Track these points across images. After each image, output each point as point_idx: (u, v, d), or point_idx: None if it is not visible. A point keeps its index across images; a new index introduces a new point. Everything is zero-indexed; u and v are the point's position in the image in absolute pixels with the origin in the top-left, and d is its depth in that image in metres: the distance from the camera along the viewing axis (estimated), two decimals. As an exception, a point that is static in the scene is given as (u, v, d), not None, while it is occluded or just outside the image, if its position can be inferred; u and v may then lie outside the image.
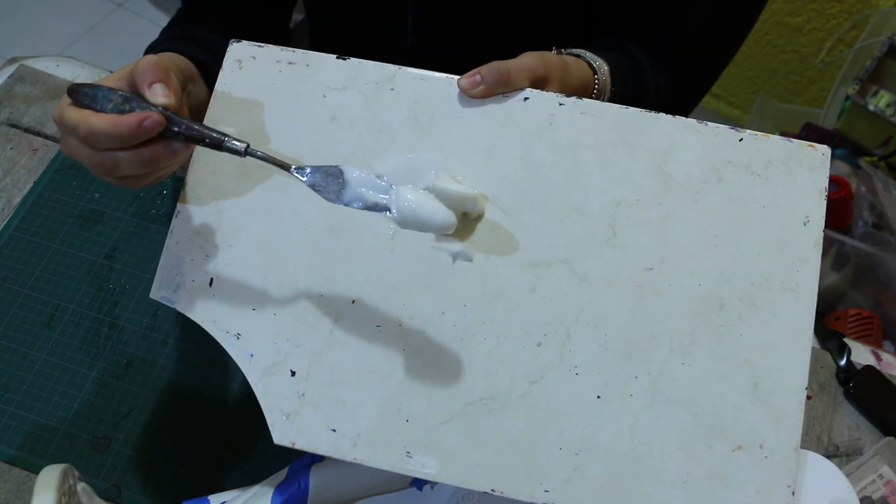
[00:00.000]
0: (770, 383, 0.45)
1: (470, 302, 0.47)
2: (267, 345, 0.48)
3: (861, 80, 1.33)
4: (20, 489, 0.56)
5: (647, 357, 0.46)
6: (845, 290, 1.19)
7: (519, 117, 0.50)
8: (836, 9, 1.48)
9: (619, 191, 0.48)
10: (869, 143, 1.37)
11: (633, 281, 0.47)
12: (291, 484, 0.50)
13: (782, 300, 0.46)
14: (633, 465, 0.44)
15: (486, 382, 0.46)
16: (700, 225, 0.47)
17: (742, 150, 0.48)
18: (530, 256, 0.48)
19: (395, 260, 0.48)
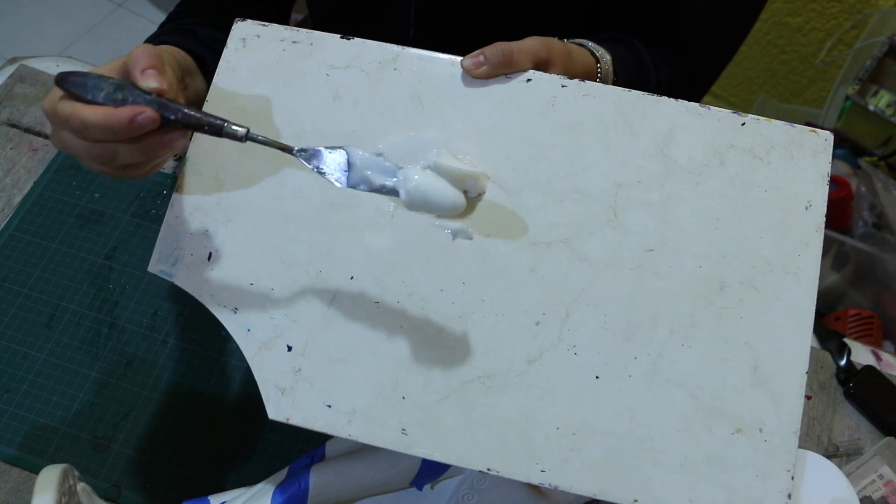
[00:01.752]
0: (770, 367, 0.45)
1: (469, 280, 0.47)
2: (264, 320, 0.47)
3: (861, 80, 1.33)
4: (20, 489, 0.56)
5: (647, 338, 0.45)
6: (845, 290, 1.19)
7: (522, 98, 0.50)
8: (836, 9, 1.48)
9: (621, 172, 0.48)
10: (869, 143, 1.37)
11: (634, 262, 0.47)
12: (291, 484, 0.50)
13: (784, 284, 0.46)
14: (631, 446, 0.44)
15: (483, 361, 0.46)
16: (701, 208, 0.47)
17: (744, 135, 0.48)
18: (531, 236, 0.48)
19: (395, 237, 0.48)
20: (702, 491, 0.43)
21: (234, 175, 0.50)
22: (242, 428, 0.60)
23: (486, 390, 0.45)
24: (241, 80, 0.51)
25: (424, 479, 0.53)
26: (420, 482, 0.53)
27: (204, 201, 0.50)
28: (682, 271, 0.46)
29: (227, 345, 0.64)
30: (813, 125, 1.42)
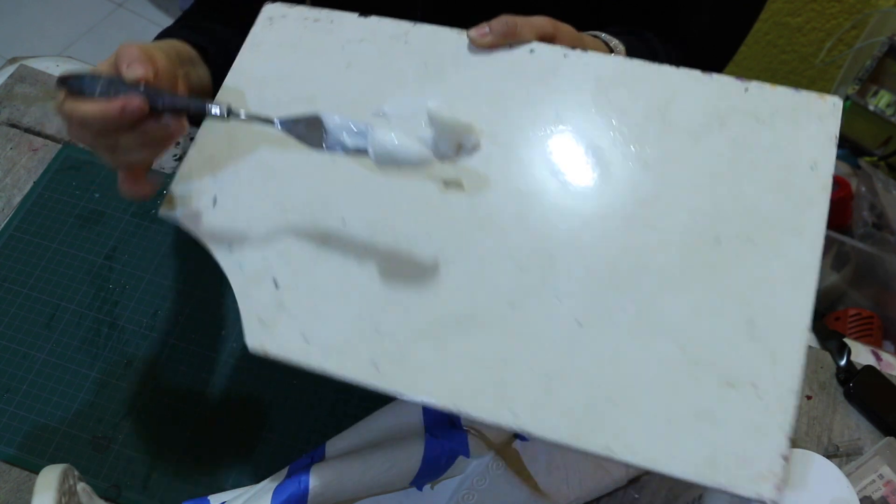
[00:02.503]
0: (768, 322, 0.42)
1: (457, 226, 0.47)
2: (256, 258, 0.48)
3: (861, 80, 1.33)
4: (20, 489, 0.57)
5: (635, 287, 0.44)
6: (845, 290, 1.19)
7: (524, 66, 0.51)
8: (836, 9, 1.48)
9: (618, 131, 0.48)
10: (869, 143, 1.37)
11: (626, 213, 0.46)
12: (291, 484, 0.50)
13: (785, 240, 0.44)
14: (610, 394, 0.42)
15: (463, 302, 0.45)
16: (699, 165, 0.47)
17: (748, 99, 0.48)
18: (522, 186, 0.48)
19: (388, 185, 0.49)
20: (683, 444, 0.40)
21: (245, 129, 0.52)
22: (242, 428, 0.61)
23: (462, 330, 0.44)
24: (264, 54, 0.55)
25: (424, 479, 0.53)
26: (420, 482, 0.53)
27: (216, 152, 0.52)
28: (676, 224, 0.45)
29: (227, 345, 0.64)
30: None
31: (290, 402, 0.62)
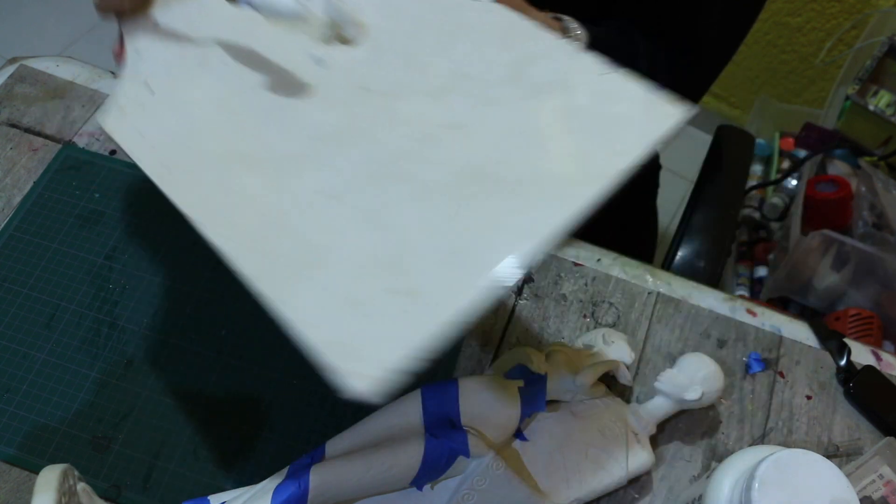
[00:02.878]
0: (470, 260, 0.43)
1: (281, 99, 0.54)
2: (147, 65, 0.56)
3: (861, 80, 1.33)
4: (20, 489, 0.56)
5: (385, 183, 0.47)
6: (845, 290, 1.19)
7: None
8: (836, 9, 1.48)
9: (474, 68, 0.51)
10: (869, 143, 1.37)
11: (431, 125, 0.49)
12: (291, 484, 0.50)
13: (543, 201, 0.45)
14: (311, 259, 0.45)
15: (257, 146, 0.51)
16: (524, 115, 0.48)
17: (602, 81, 0.48)
18: (366, 83, 0.52)
19: (265, 44, 0.56)
20: (332, 319, 0.43)
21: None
22: (242, 428, 0.61)
23: (245, 167, 0.50)
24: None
25: (424, 479, 0.53)
26: (420, 482, 0.53)
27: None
28: (463, 153, 0.47)
29: (227, 345, 0.64)
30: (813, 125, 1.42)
31: (290, 402, 0.62)
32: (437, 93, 0.51)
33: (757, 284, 1.40)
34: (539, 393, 0.55)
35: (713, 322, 0.68)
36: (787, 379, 0.66)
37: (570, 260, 0.71)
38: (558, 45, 0.50)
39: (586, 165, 0.45)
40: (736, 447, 0.62)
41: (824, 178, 1.29)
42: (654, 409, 0.59)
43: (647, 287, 0.70)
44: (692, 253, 0.82)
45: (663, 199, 1.01)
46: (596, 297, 0.69)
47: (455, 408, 0.54)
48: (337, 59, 0.54)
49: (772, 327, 0.69)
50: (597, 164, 0.45)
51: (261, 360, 0.64)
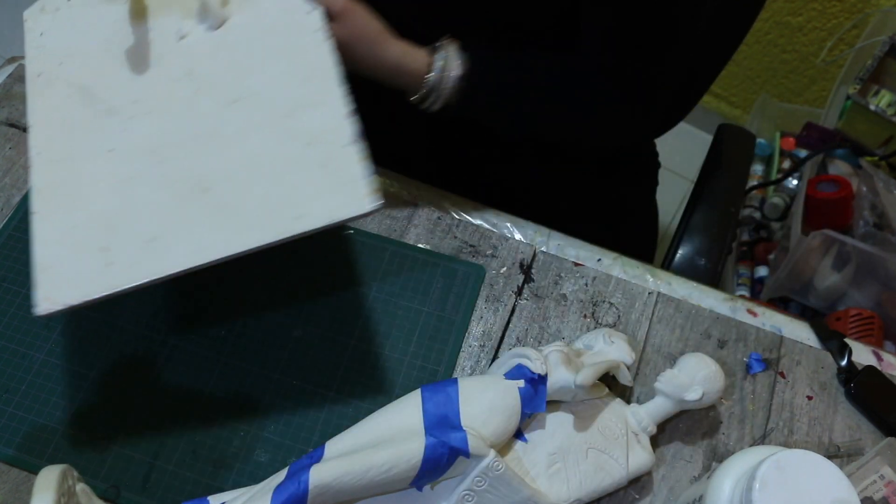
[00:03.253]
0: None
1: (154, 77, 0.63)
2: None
3: (862, 79, 1.33)
4: (19, 489, 0.56)
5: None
6: (846, 290, 1.19)
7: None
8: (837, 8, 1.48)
9: (270, 92, 0.60)
10: (870, 142, 1.36)
11: (205, 128, 0.59)
12: (291, 484, 0.50)
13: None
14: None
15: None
16: (266, 151, 0.57)
17: (341, 151, 0.56)
18: (193, 69, 0.62)
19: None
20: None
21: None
22: (242, 428, 0.60)
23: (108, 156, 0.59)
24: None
25: (424, 480, 0.53)
26: (420, 482, 0.53)
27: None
28: (216, 160, 0.57)
29: (227, 345, 0.64)
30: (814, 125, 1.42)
31: (290, 402, 0.62)
32: (232, 101, 0.60)
33: (757, 284, 1.39)
34: (539, 393, 0.55)
35: (714, 322, 0.68)
36: (788, 379, 0.66)
37: (571, 260, 0.71)
38: (338, 100, 0.57)
39: (271, 216, 0.54)
40: (737, 447, 0.62)
41: (825, 178, 1.29)
42: (655, 409, 0.59)
43: (647, 287, 0.70)
44: (692, 251, 0.82)
45: (663, 198, 1.01)
46: (596, 297, 0.69)
47: (455, 408, 0.54)
48: (194, 39, 0.63)
49: (772, 327, 0.69)
50: (281, 219, 0.54)
51: (261, 360, 0.64)
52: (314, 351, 0.64)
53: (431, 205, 0.74)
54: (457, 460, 0.52)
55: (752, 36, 1.56)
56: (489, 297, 0.68)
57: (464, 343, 0.65)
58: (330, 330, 0.65)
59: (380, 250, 0.70)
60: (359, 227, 0.71)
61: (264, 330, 0.65)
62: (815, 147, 1.43)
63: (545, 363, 0.56)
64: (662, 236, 1.03)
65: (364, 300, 0.67)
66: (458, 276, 0.69)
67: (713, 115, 1.80)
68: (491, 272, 0.70)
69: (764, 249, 1.43)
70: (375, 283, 0.68)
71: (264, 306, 0.66)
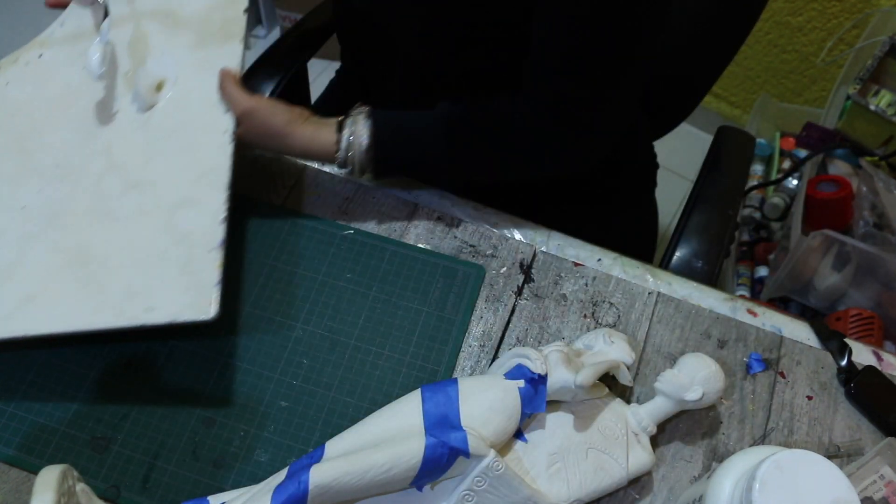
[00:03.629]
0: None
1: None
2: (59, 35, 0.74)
3: (862, 79, 1.33)
4: (19, 489, 0.56)
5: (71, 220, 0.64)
6: (846, 290, 1.19)
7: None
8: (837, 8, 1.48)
9: (163, 183, 0.64)
10: (870, 142, 1.37)
11: (104, 204, 0.64)
12: (291, 484, 0.50)
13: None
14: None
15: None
16: (141, 239, 0.61)
17: (204, 255, 0.60)
18: (111, 146, 0.67)
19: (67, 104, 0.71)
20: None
21: None
22: (242, 428, 0.60)
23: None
24: None
25: (424, 480, 0.53)
26: (420, 482, 0.53)
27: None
28: (99, 235, 0.62)
29: (227, 345, 0.64)
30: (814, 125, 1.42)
31: (290, 402, 0.62)
32: (132, 185, 0.64)
33: (757, 284, 1.39)
34: (539, 393, 0.55)
35: (714, 322, 0.68)
36: (788, 379, 0.66)
37: (571, 260, 0.71)
38: (218, 205, 0.61)
39: (127, 303, 0.58)
40: (737, 448, 0.62)
41: (825, 178, 1.29)
42: (655, 409, 0.59)
43: (647, 287, 0.70)
44: (690, 253, 0.82)
45: (663, 199, 1.01)
46: (596, 297, 0.69)
47: (455, 408, 0.54)
48: (123, 117, 0.68)
49: (772, 327, 0.69)
50: (133, 308, 0.57)
51: (261, 360, 0.64)
52: (314, 351, 0.64)
53: (431, 205, 0.74)
54: (457, 460, 0.52)
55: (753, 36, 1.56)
56: (489, 297, 0.68)
57: (464, 343, 0.65)
58: (330, 330, 0.65)
59: (380, 250, 0.70)
60: (359, 227, 0.71)
61: (263, 330, 0.65)
62: (815, 147, 1.43)
63: (545, 363, 0.56)
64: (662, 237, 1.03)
65: (364, 300, 0.67)
66: (458, 276, 0.69)
67: (713, 115, 1.80)
68: (491, 272, 0.70)
69: (764, 249, 1.43)
70: (375, 283, 0.68)
71: (264, 306, 0.66)
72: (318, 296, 0.67)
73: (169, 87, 0.70)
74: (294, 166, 0.75)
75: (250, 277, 0.68)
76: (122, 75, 0.71)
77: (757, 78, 1.69)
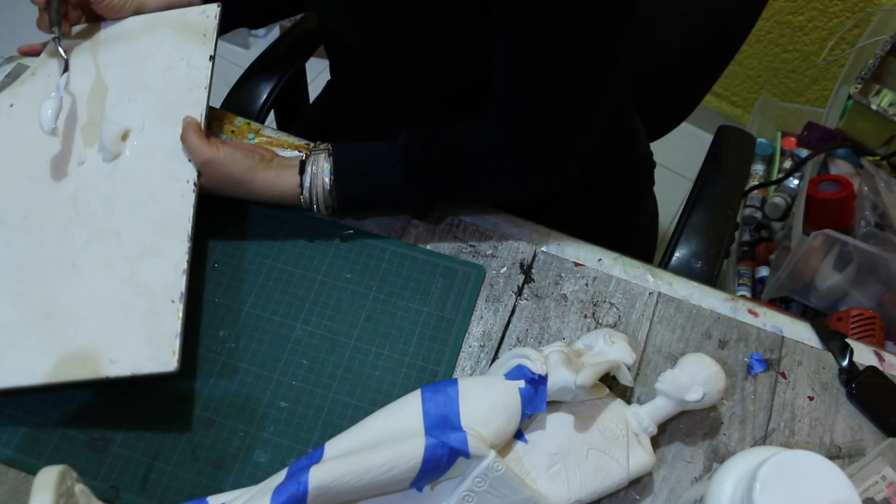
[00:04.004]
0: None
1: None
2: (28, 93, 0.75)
3: (863, 79, 1.33)
4: (17, 490, 0.56)
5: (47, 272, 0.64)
6: (847, 290, 1.19)
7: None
8: (839, 7, 1.48)
9: (127, 234, 0.65)
10: (871, 142, 1.36)
11: (68, 256, 0.64)
12: (291, 484, 0.50)
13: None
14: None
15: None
16: (102, 291, 0.62)
17: (167, 305, 0.62)
18: (77, 197, 0.68)
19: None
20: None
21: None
22: (242, 428, 0.60)
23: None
24: None
25: (424, 480, 0.53)
26: (420, 483, 0.53)
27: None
28: (66, 287, 0.63)
29: (227, 345, 0.64)
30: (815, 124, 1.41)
31: (290, 402, 0.62)
32: (97, 236, 0.65)
33: (758, 284, 1.39)
34: (539, 394, 0.55)
35: (714, 322, 0.68)
36: (789, 380, 0.65)
37: (571, 260, 0.71)
38: (180, 256, 0.63)
39: (91, 355, 0.58)
40: (738, 448, 0.62)
41: (826, 178, 1.29)
42: (656, 409, 0.59)
43: (648, 287, 0.70)
44: (689, 254, 0.82)
45: (663, 198, 1.00)
46: (597, 298, 0.69)
47: (455, 408, 0.54)
48: (89, 167, 0.69)
49: (773, 328, 0.68)
50: (96, 361, 0.58)
51: (261, 360, 0.64)
52: (314, 351, 0.64)
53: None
54: (457, 461, 0.52)
55: (754, 35, 1.56)
56: (489, 297, 0.68)
57: (464, 343, 0.65)
58: (330, 330, 0.65)
59: (380, 250, 0.70)
60: (359, 227, 0.71)
61: (264, 330, 0.65)
62: (816, 147, 1.43)
63: (545, 363, 0.56)
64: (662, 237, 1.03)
65: (364, 300, 0.67)
66: (458, 276, 0.69)
67: (714, 114, 1.80)
68: (491, 272, 0.69)
69: (765, 249, 1.42)
70: (375, 283, 0.68)
71: (264, 306, 0.66)
72: (318, 296, 0.67)
73: (135, 136, 0.70)
74: (294, 166, 0.75)
75: (250, 277, 0.68)
76: (82, 127, 0.71)
77: (758, 77, 1.69)
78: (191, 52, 0.74)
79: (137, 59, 0.75)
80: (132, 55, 0.75)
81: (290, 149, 0.76)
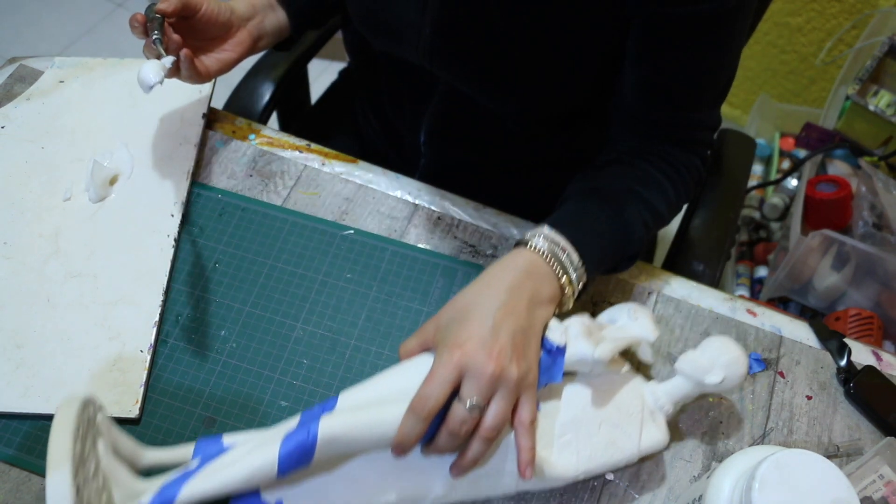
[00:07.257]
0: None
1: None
2: None
3: (861, 80, 1.33)
4: (19, 489, 0.56)
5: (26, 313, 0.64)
6: (845, 290, 1.19)
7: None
8: (837, 9, 1.48)
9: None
10: (869, 143, 1.37)
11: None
12: (300, 432, 0.50)
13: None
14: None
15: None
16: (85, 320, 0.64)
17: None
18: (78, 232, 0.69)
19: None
20: None
21: None
22: (242, 428, 0.60)
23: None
24: None
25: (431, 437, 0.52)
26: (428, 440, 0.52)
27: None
28: (67, 321, 0.64)
29: (227, 345, 0.64)
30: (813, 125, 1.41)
31: (291, 402, 0.62)
32: (74, 275, 0.65)
33: (757, 284, 1.39)
34: (557, 364, 0.55)
35: (713, 322, 0.68)
36: (788, 379, 0.66)
37: (571, 260, 0.71)
38: (154, 306, 0.64)
39: (50, 392, 0.59)
40: (736, 447, 0.62)
41: (824, 179, 1.29)
42: (673, 389, 0.58)
43: (647, 287, 0.70)
44: (690, 257, 0.82)
45: (663, 199, 1.01)
46: (596, 297, 0.69)
47: None
48: (75, 204, 0.69)
49: (772, 327, 0.69)
50: (58, 397, 0.59)
51: (261, 360, 0.64)
52: (314, 351, 0.64)
53: (431, 205, 0.74)
54: None
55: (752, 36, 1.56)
56: (489, 297, 0.68)
57: (464, 343, 0.65)
58: (330, 330, 0.66)
59: (380, 250, 0.70)
60: (359, 227, 0.71)
61: (264, 330, 0.65)
62: (815, 147, 1.43)
63: (565, 334, 0.55)
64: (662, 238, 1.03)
65: (364, 300, 0.67)
66: (458, 276, 0.69)
67: (713, 115, 1.80)
68: (491, 272, 0.70)
69: (763, 249, 1.43)
70: (375, 283, 0.68)
71: (264, 306, 0.66)
72: (318, 296, 0.67)
73: (122, 181, 0.71)
74: (294, 166, 0.75)
75: (250, 277, 0.68)
76: (72, 161, 0.72)
77: (756, 78, 1.69)
78: (185, 106, 0.75)
79: (133, 102, 0.76)
80: (128, 97, 0.77)
81: (290, 149, 0.76)
